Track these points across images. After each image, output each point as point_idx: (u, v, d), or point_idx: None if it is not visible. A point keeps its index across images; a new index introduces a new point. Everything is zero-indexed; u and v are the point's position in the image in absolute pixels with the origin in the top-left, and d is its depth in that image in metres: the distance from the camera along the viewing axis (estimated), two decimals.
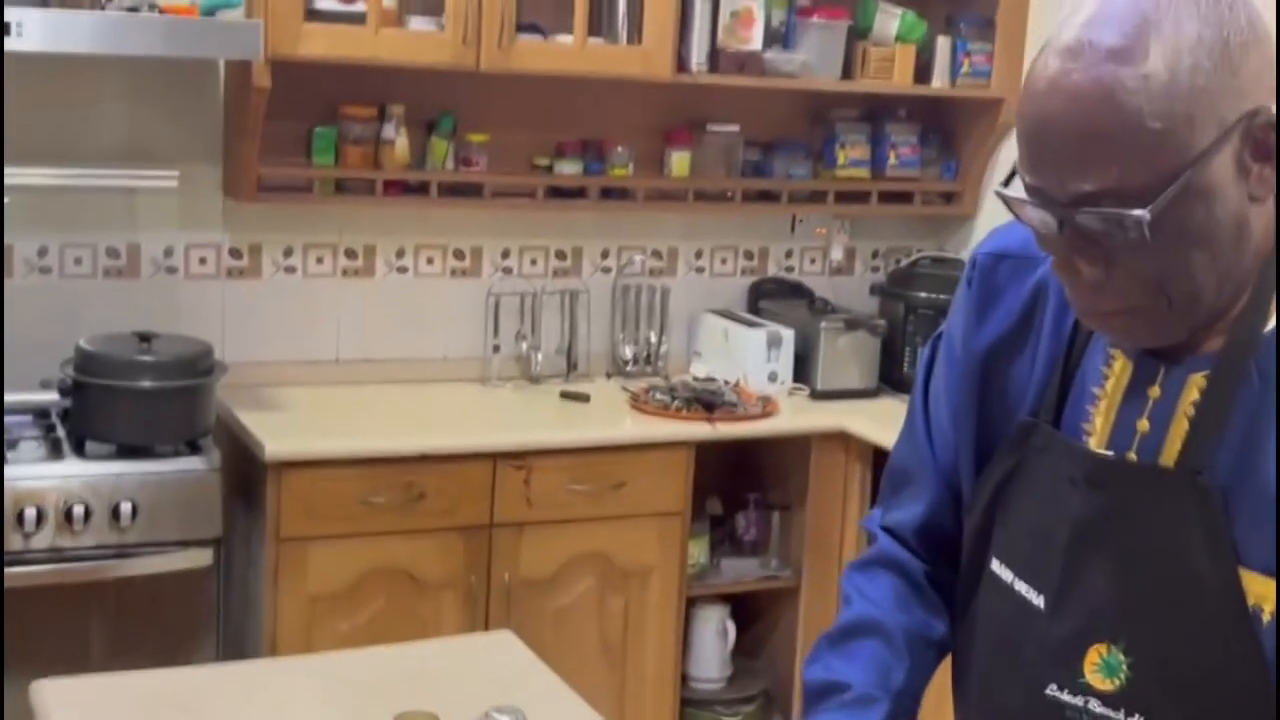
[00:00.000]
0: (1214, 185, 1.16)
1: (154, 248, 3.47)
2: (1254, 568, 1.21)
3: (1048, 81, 1.17)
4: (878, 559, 1.53)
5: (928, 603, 1.49)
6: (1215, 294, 1.22)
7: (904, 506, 1.52)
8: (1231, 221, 1.19)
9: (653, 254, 3.98)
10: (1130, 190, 1.14)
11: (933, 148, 4.10)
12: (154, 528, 2.97)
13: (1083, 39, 1.16)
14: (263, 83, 3.18)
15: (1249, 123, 1.16)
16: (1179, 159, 1.14)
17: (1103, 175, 1.15)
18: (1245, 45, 1.16)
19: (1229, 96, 1.15)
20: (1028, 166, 1.20)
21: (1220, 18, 1.15)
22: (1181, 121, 1.13)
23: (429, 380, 3.73)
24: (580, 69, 3.53)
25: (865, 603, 1.49)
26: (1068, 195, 1.17)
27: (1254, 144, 1.18)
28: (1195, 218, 1.16)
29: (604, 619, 3.45)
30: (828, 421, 3.64)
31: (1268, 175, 1.19)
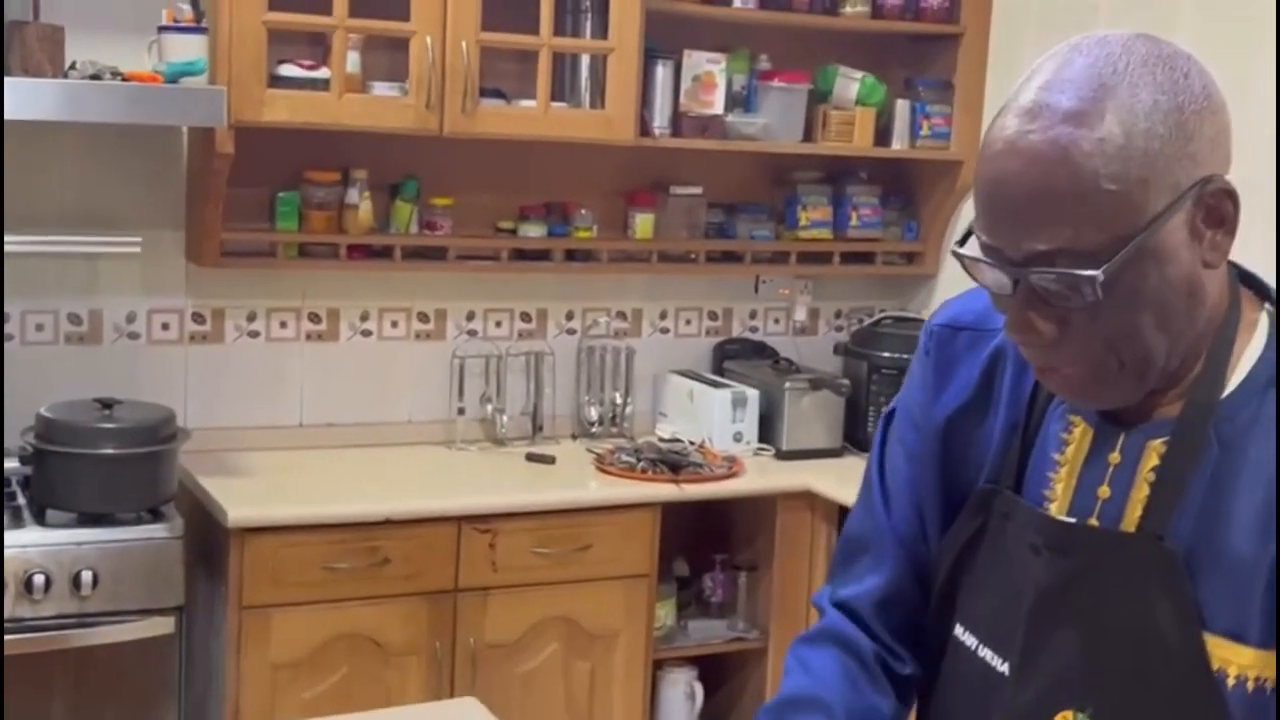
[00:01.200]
0: (1167, 249, 1.18)
1: (116, 314, 3.46)
2: (1217, 632, 1.22)
3: (1005, 142, 1.18)
4: (826, 634, 1.49)
5: (875, 684, 1.45)
6: (1167, 357, 1.23)
7: (860, 579, 1.49)
8: (1184, 285, 1.20)
9: (617, 315, 3.99)
10: (1084, 251, 1.16)
11: (894, 209, 4.14)
12: (115, 596, 2.94)
13: (1040, 101, 1.18)
14: (226, 149, 3.19)
15: (1202, 189, 1.18)
16: (1132, 222, 1.16)
17: (1056, 235, 1.16)
18: (1199, 113, 1.18)
19: (1183, 162, 1.17)
20: (984, 225, 1.21)
21: (1175, 85, 1.17)
22: (1136, 185, 1.15)
23: (394, 444, 3.72)
24: (544, 133, 3.55)
25: (808, 676, 1.45)
26: (1022, 255, 1.19)
27: (1206, 210, 1.20)
28: (1148, 281, 1.18)
29: (571, 683, 3.43)
30: (793, 481, 3.64)
31: (1220, 241, 1.21)
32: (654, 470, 3.56)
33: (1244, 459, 1.23)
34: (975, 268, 1.23)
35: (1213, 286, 1.24)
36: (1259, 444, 1.23)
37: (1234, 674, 1.21)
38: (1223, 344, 1.26)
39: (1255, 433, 1.23)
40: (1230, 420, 1.24)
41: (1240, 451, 1.23)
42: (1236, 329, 1.27)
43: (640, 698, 3.52)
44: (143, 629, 2.97)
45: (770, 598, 3.70)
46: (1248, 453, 1.23)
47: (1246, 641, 1.21)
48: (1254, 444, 1.23)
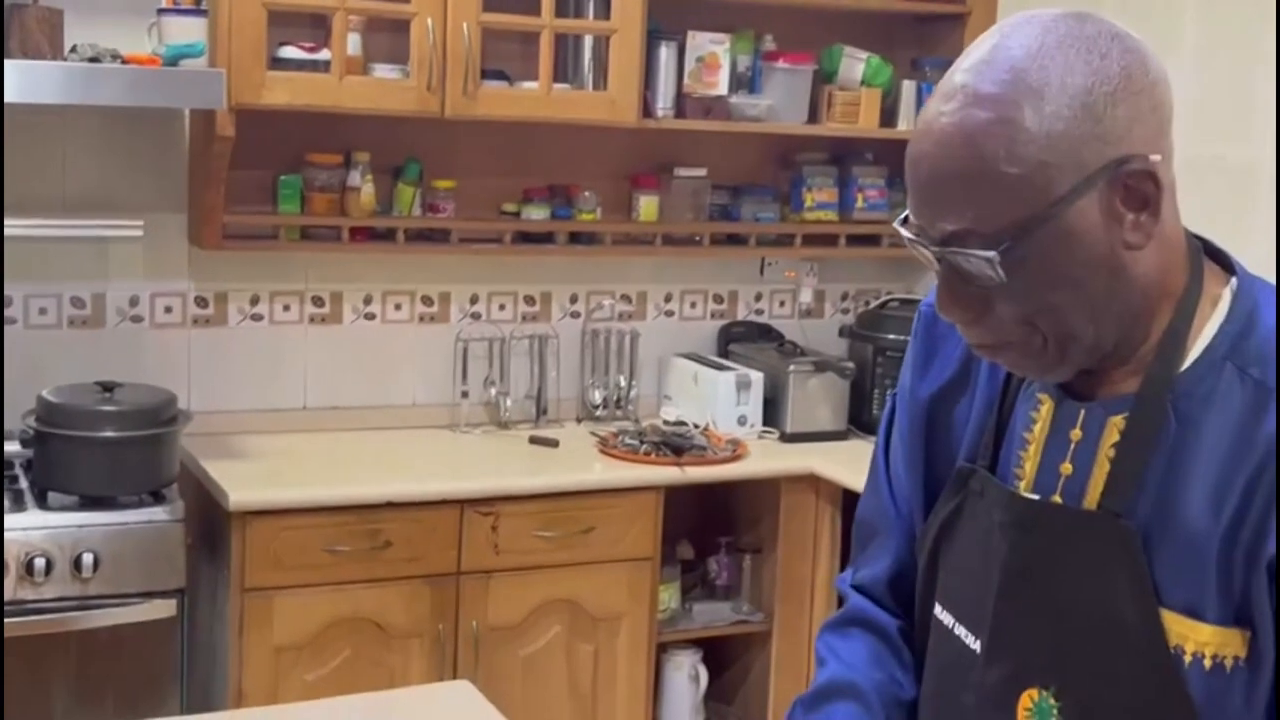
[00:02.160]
0: (1076, 230, 1.18)
1: (119, 297, 3.46)
2: (1174, 608, 1.22)
3: (924, 124, 1.21)
4: (851, 618, 1.52)
5: (902, 661, 1.48)
6: (1093, 335, 1.23)
7: (872, 562, 1.52)
8: (1101, 266, 1.20)
9: (622, 298, 3.98)
10: (987, 232, 1.18)
11: (899, 190, 4.11)
12: (117, 579, 2.95)
13: (958, 84, 1.20)
14: (226, 131, 3.18)
15: (1115, 170, 1.17)
16: (1035, 204, 1.17)
17: (962, 216, 1.18)
18: (1112, 95, 1.17)
19: (1090, 144, 1.16)
20: (910, 205, 1.24)
21: (1089, 67, 1.17)
22: (1037, 168, 1.16)
23: (397, 427, 3.72)
24: (546, 115, 3.54)
25: (839, 664, 1.48)
26: (938, 234, 1.21)
27: (1125, 191, 1.19)
28: (1057, 261, 1.18)
29: (573, 666, 3.43)
30: (797, 464, 3.63)
31: (1144, 222, 1.20)
32: (658, 453, 3.55)
33: (1199, 434, 1.22)
34: (911, 245, 1.25)
35: (1144, 265, 1.22)
36: (1215, 418, 1.22)
37: (1191, 650, 1.21)
38: (1181, 318, 1.25)
39: (1211, 406, 1.23)
40: (1188, 395, 1.24)
41: (1197, 427, 1.23)
42: (1196, 304, 1.26)
43: (644, 680, 3.51)
44: (144, 612, 2.97)
45: (774, 580, 3.69)
46: (1204, 427, 1.22)
47: (1203, 618, 1.21)
48: (1210, 418, 1.22)
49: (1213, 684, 1.21)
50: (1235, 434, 1.20)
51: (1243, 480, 1.19)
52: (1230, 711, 1.21)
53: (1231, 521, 1.19)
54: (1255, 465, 1.19)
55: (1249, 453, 1.19)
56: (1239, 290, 1.27)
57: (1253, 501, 1.19)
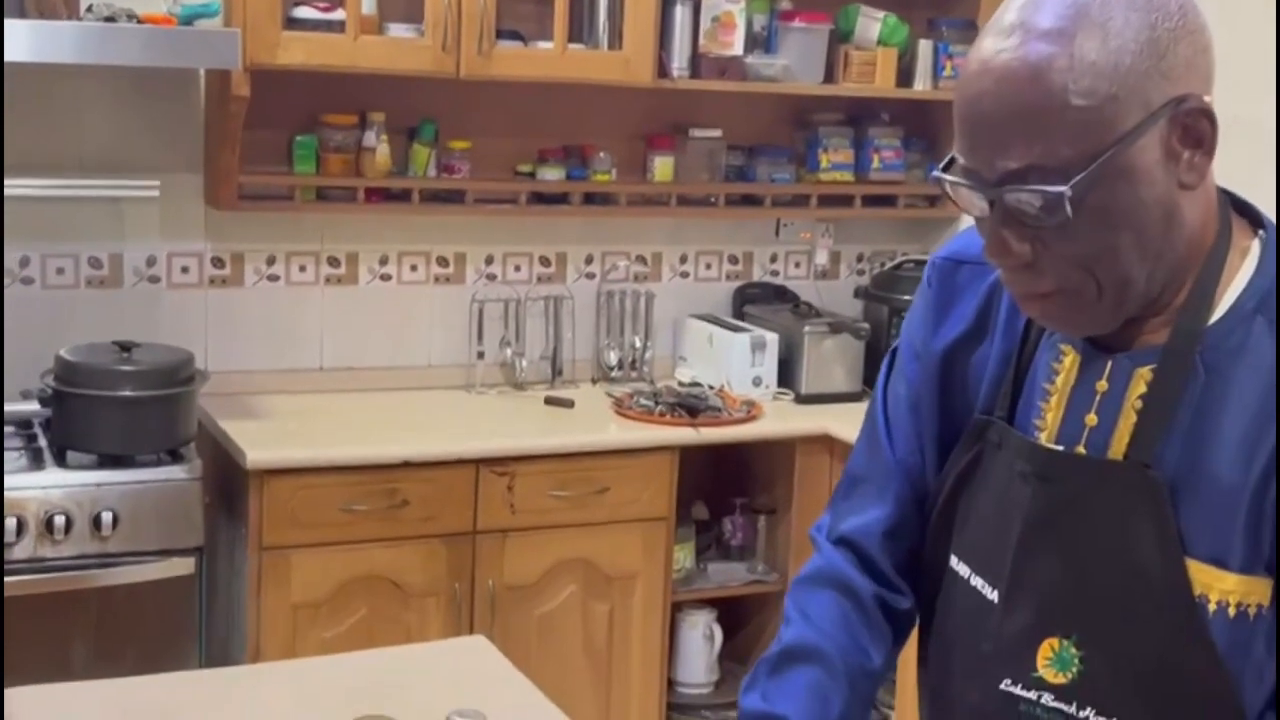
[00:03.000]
0: (1139, 167, 1.17)
1: (136, 257, 3.47)
2: (1199, 558, 1.22)
3: (980, 62, 1.20)
4: (824, 575, 1.49)
5: (871, 629, 1.46)
6: (1146, 280, 1.22)
7: (863, 511, 1.49)
8: (1159, 206, 1.19)
9: (637, 259, 3.98)
10: (1054, 168, 1.16)
11: (916, 151, 4.11)
12: (135, 537, 2.97)
13: (1016, 21, 1.18)
14: (242, 91, 3.19)
15: (1176, 108, 1.18)
16: (1102, 138, 1.16)
17: (1028, 152, 1.17)
18: (1174, 31, 1.17)
19: (1154, 79, 1.16)
20: (961, 147, 1.22)
21: (1150, 4, 1.17)
22: (1105, 101, 1.15)
23: (413, 388, 3.73)
24: (561, 75, 3.54)
25: (806, 625, 1.45)
26: (996, 174, 1.19)
27: (1182, 130, 1.19)
28: (1119, 199, 1.18)
29: (589, 625, 3.45)
30: (812, 425, 3.64)
31: (1198, 162, 1.20)
32: (672, 414, 3.56)
33: (1229, 386, 1.22)
34: (955, 191, 1.23)
35: (1193, 210, 1.23)
36: (1244, 371, 1.22)
37: (1215, 599, 1.22)
38: (1211, 270, 1.25)
39: (1241, 359, 1.23)
40: (1216, 347, 1.24)
41: (1226, 378, 1.23)
42: (1226, 255, 1.26)
43: (659, 639, 3.53)
44: (163, 569, 3.00)
45: (789, 541, 3.70)
46: (1233, 379, 1.22)
47: (1228, 567, 1.21)
48: (1239, 370, 1.22)
49: (1236, 632, 1.21)
50: (1266, 386, 1.20)
51: (1274, 431, 1.19)
52: (1252, 659, 1.22)
53: (1263, 472, 1.20)
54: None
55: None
56: (1268, 243, 1.27)
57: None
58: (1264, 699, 1.23)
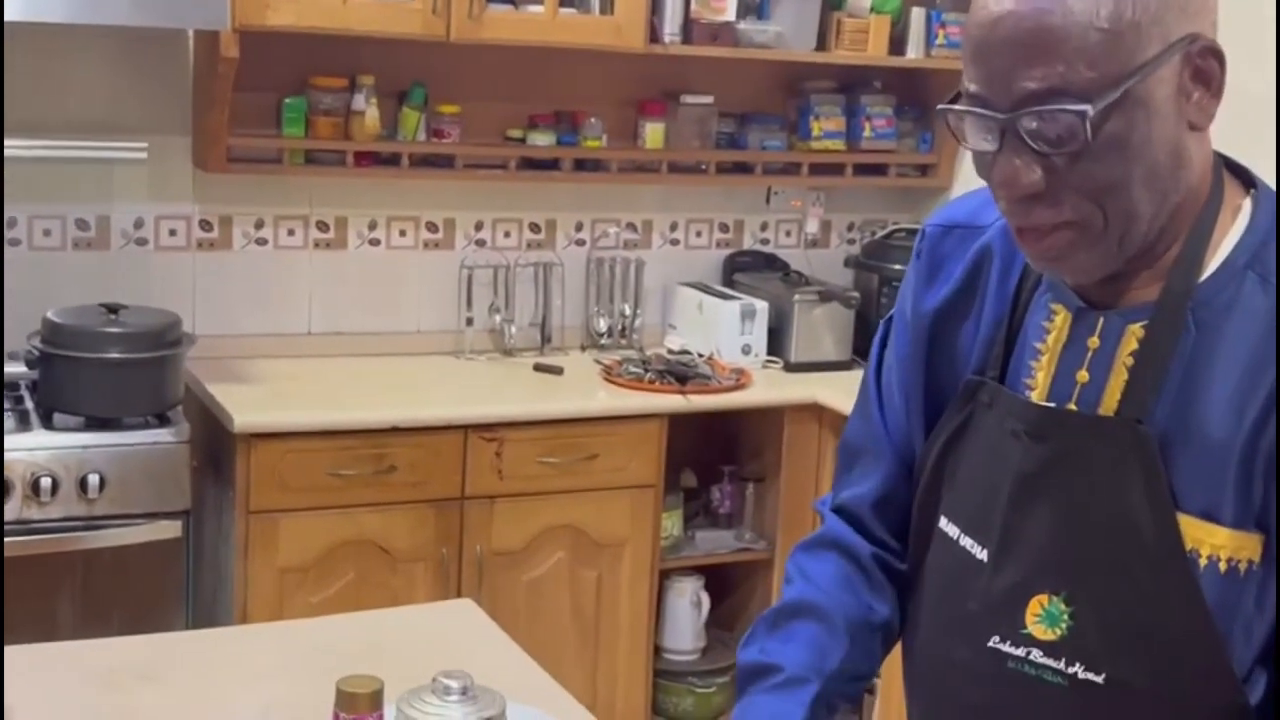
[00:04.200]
0: (1154, 100, 1.18)
1: (124, 219, 3.46)
2: (1191, 512, 1.22)
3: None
4: (824, 540, 1.51)
5: (873, 585, 1.47)
6: (1150, 219, 1.22)
7: (857, 482, 1.51)
8: (1169, 143, 1.20)
9: (627, 226, 3.97)
10: (1074, 90, 1.16)
11: (908, 120, 4.10)
12: (122, 500, 2.96)
13: None
14: (231, 53, 3.16)
15: (1190, 45, 1.18)
16: (1124, 64, 1.16)
17: (1049, 73, 1.16)
18: None
19: (1173, 12, 1.17)
20: (975, 75, 1.21)
21: None
22: (1128, 27, 1.15)
23: (401, 353, 3.72)
24: (552, 39, 3.52)
25: (806, 584, 1.47)
26: (1012, 98, 1.18)
27: (1194, 68, 1.19)
28: (1135, 129, 1.18)
29: (577, 591, 3.45)
30: (801, 393, 3.64)
31: (1206, 103, 1.21)
32: (662, 381, 3.56)
33: (1220, 342, 1.23)
34: (961, 124, 1.23)
35: (1197, 153, 1.23)
36: (1235, 327, 1.22)
37: (1206, 554, 1.22)
38: (1202, 227, 1.25)
39: (1232, 316, 1.23)
40: (1207, 304, 1.24)
41: (1217, 334, 1.23)
42: (1218, 213, 1.26)
43: (646, 606, 3.54)
44: (150, 532, 2.99)
45: (777, 509, 3.71)
46: (1224, 335, 1.23)
47: (1220, 521, 1.22)
48: (1230, 326, 1.23)
49: (1226, 587, 1.22)
50: (1257, 342, 1.21)
51: (1266, 387, 1.20)
52: (1242, 613, 1.22)
53: (1254, 427, 1.20)
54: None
55: (1272, 359, 1.20)
56: (1259, 201, 1.27)
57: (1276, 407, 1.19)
58: (1253, 655, 1.23)
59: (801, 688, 1.40)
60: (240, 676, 1.86)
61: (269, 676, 1.85)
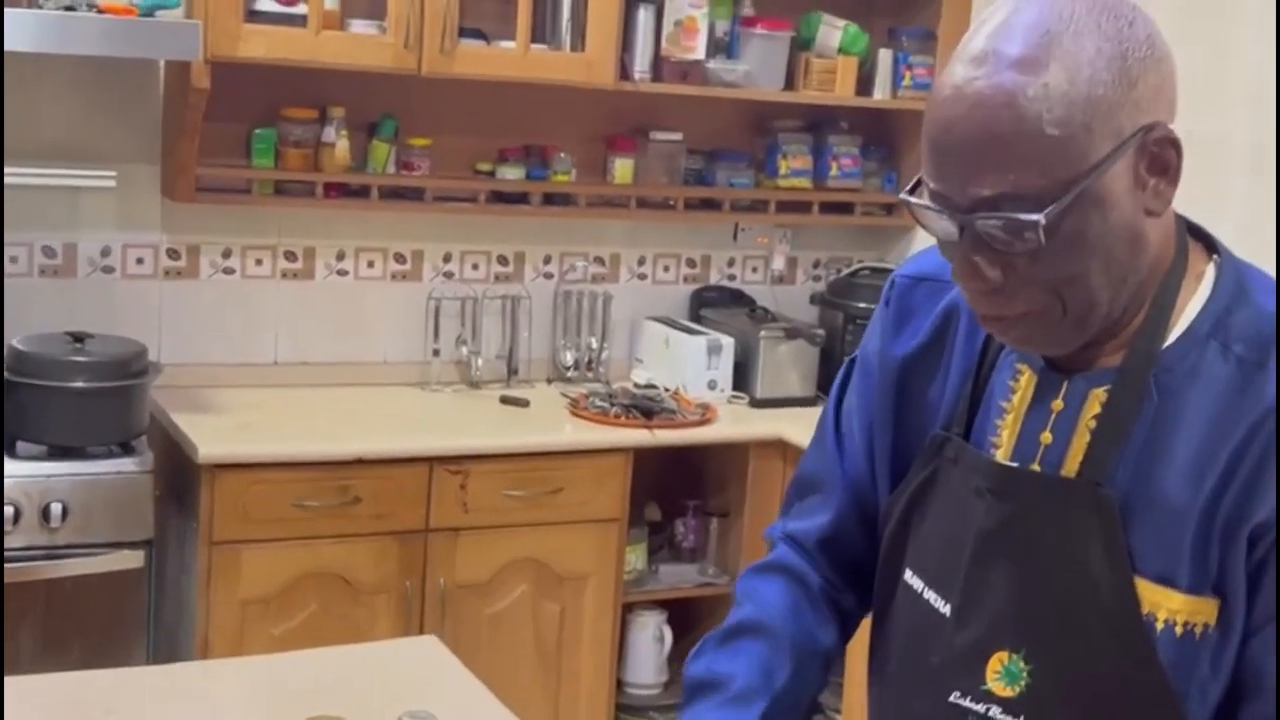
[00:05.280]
0: (1109, 195, 1.18)
1: (91, 247, 3.45)
2: (1149, 576, 1.24)
3: (952, 88, 1.19)
4: (774, 564, 1.53)
5: (818, 613, 1.49)
6: (1110, 303, 1.24)
7: (807, 516, 1.53)
8: (1126, 232, 1.21)
9: (595, 260, 3.99)
10: (1027, 196, 1.17)
11: (874, 159, 4.14)
12: (85, 529, 2.95)
13: (988, 49, 1.19)
14: (201, 83, 3.17)
15: (1145, 136, 1.19)
16: (1075, 167, 1.17)
17: (1000, 180, 1.17)
18: (1143, 61, 1.19)
19: (1126, 109, 1.18)
20: (931, 172, 1.22)
21: (1120, 34, 1.18)
22: (1079, 130, 1.16)
23: (368, 384, 3.72)
24: (523, 75, 3.54)
25: (755, 605, 1.49)
26: (968, 200, 1.19)
27: (1150, 158, 1.20)
28: (1090, 226, 1.19)
29: (539, 624, 3.46)
30: (766, 429, 3.66)
31: (1163, 190, 1.22)
32: (627, 416, 3.57)
33: (1182, 409, 1.25)
34: (923, 215, 1.24)
35: (1155, 235, 1.25)
36: (1197, 394, 1.24)
37: (1163, 618, 1.24)
38: (1166, 294, 1.27)
39: (1194, 383, 1.25)
40: (1170, 370, 1.26)
41: (1179, 401, 1.25)
42: (1181, 280, 1.28)
43: (609, 640, 3.54)
44: (112, 562, 2.98)
45: (741, 544, 3.72)
46: (1186, 402, 1.24)
47: (1176, 586, 1.23)
48: (1192, 394, 1.24)
49: (1182, 650, 1.23)
50: (1218, 409, 1.23)
51: (1225, 455, 1.21)
52: (1197, 676, 1.24)
53: (1212, 494, 1.22)
54: (1239, 440, 1.21)
55: (1232, 428, 1.21)
56: (1222, 268, 1.29)
57: (1235, 475, 1.21)
58: (1208, 715, 1.25)
59: (750, 704, 1.42)
60: (202, 714, 1.86)
61: (235, 715, 1.85)
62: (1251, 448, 1.21)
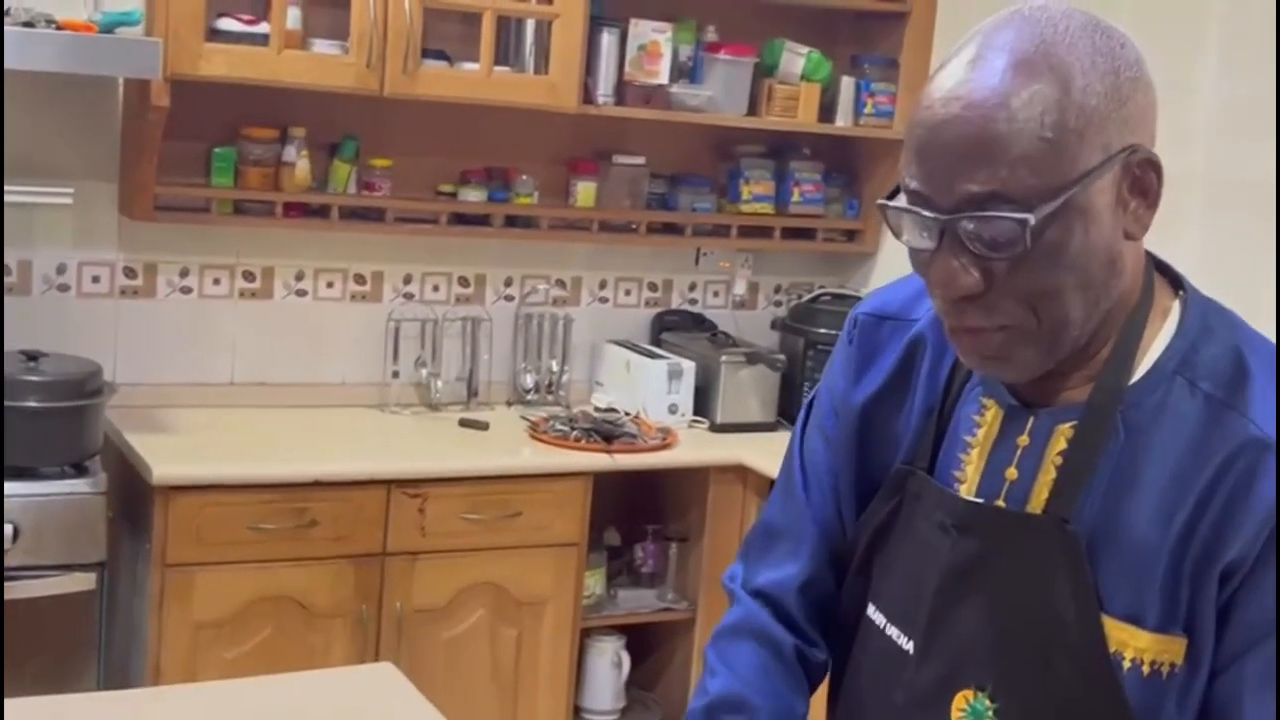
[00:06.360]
0: (1094, 209, 1.19)
1: (46, 265, 3.41)
2: (1115, 614, 1.23)
3: (945, 90, 1.19)
4: (742, 627, 1.49)
5: (793, 679, 1.46)
6: (1082, 324, 1.23)
7: (779, 565, 1.49)
8: (1105, 251, 1.21)
9: (556, 283, 3.98)
10: (1016, 195, 1.16)
11: (836, 186, 4.15)
12: (36, 550, 2.91)
13: (981, 54, 1.19)
14: (161, 101, 3.14)
15: (1130, 156, 1.19)
16: (1065, 173, 1.17)
17: (991, 177, 1.16)
18: (1134, 80, 1.20)
19: (1115, 124, 1.18)
20: (917, 173, 1.21)
21: (1112, 50, 1.19)
22: (1071, 136, 1.16)
23: (326, 405, 3.69)
24: (486, 97, 3.53)
25: (733, 676, 1.46)
26: (953, 200, 1.18)
27: (1132, 179, 1.21)
28: (1073, 237, 1.18)
29: (497, 649, 3.43)
30: (726, 454, 3.65)
31: (1142, 214, 1.22)
32: (587, 439, 3.56)
33: (1148, 446, 1.24)
34: (900, 221, 1.23)
35: (1129, 261, 1.24)
36: (1164, 431, 1.24)
37: (1130, 656, 1.23)
38: (1133, 330, 1.26)
39: (1160, 420, 1.24)
40: (1137, 407, 1.25)
41: (1145, 438, 1.24)
42: (1148, 316, 1.27)
43: (567, 665, 3.52)
44: (63, 584, 2.94)
45: (700, 569, 3.71)
46: (1152, 440, 1.24)
47: (1143, 625, 1.23)
48: (1159, 431, 1.24)
49: (1149, 689, 1.23)
50: (1186, 447, 1.22)
51: (1195, 493, 1.21)
52: (1164, 715, 1.23)
53: (1182, 532, 1.21)
54: (1209, 478, 1.21)
55: (1201, 466, 1.21)
56: (1188, 304, 1.29)
57: (1205, 513, 1.20)
58: None
59: None
60: None
61: None
62: (1221, 486, 1.20)
